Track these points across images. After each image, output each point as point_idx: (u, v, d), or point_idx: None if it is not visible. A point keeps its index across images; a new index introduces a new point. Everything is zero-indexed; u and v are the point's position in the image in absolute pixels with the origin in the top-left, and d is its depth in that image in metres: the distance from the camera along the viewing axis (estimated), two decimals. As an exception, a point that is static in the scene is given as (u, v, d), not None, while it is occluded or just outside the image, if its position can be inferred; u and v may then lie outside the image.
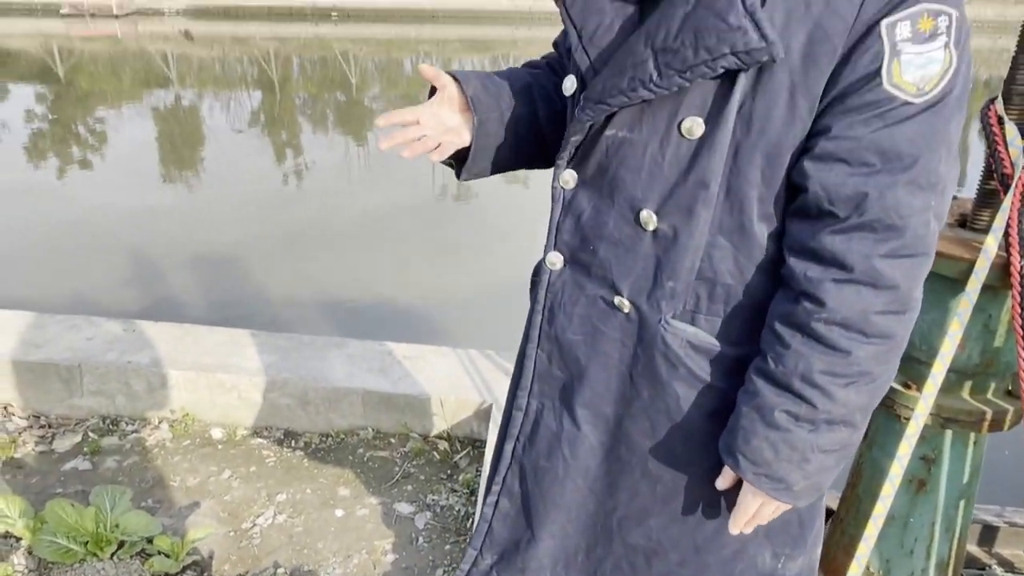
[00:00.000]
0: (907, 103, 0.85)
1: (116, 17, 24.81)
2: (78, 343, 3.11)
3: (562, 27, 1.13)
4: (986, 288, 1.52)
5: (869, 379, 0.95)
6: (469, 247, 7.06)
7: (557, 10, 1.12)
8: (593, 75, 1.02)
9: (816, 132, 0.90)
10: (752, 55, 0.87)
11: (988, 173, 1.60)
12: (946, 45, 0.85)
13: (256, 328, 3.37)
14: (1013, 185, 1.46)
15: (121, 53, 21.20)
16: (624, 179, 1.03)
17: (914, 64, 0.85)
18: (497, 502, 1.31)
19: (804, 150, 0.91)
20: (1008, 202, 1.47)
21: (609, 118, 1.01)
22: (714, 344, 1.05)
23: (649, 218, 1.02)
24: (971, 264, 1.51)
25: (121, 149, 11.05)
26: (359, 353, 3.15)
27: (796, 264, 0.93)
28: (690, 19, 0.90)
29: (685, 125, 0.95)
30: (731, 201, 0.96)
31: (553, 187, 1.16)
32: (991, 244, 1.48)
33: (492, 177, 1.34)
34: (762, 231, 0.97)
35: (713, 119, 0.93)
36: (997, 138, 1.48)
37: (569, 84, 1.10)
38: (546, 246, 1.19)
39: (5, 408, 3.04)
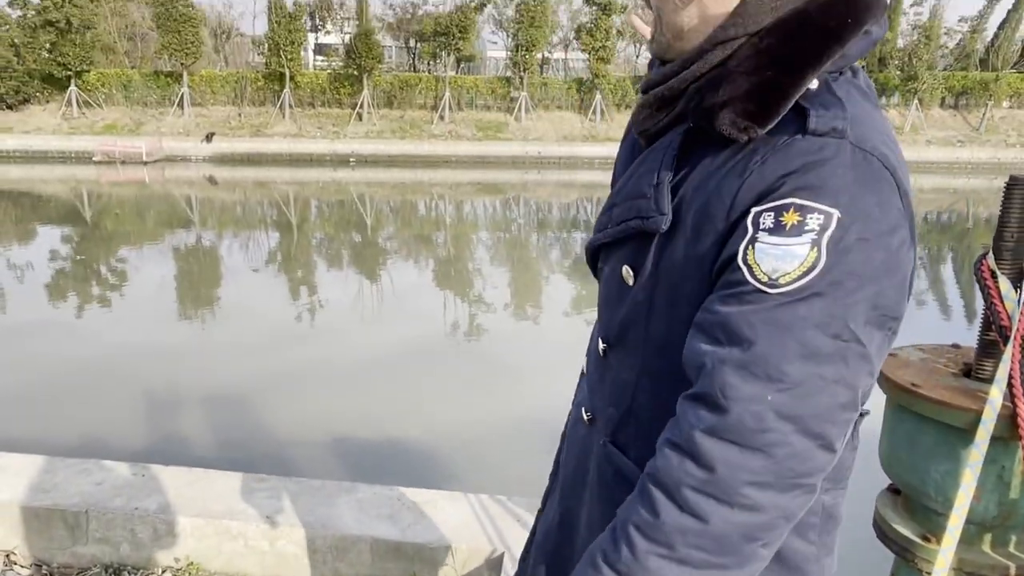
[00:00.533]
0: (759, 290, 0.85)
1: (145, 163, 26.09)
2: (87, 488, 3.09)
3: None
4: (996, 439, 1.53)
5: (678, 557, 0.88)
6: (480, 385, 7.06)
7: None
8: None
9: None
10: (648, 223, 0.97)
11: (987, 324, 1.65)
12: (814, 243, 0.83)
13: (268, 469, 3.36)
14: (1012, 337, 1.50)
15: (147, 197, 22.12)
16: (600, 307, 1.17)
17: (769, 254, 0.84)
18: None
19: None
20: (1008, 353, 1.51)
21: (602, 252, 1.15)
22: (636, 475, 1.05)
23: (603, 347, 1.14)
24: (978, 415, 1.52)
25: (140, 288, 11.33)
26: (368, 499, 3.11)
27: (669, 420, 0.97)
28: (629, 180, 1.04)
29: (624, 270, 1.05)
30: (654, 345, 1.03)
31: None
32: (996, 395, 1.50)
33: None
34: (676, 386, 0.98)
35: (639, 270, 1.02)
36: (992, 292, 1.54)
37: None
38: None
39: (8, 556, 2.99)
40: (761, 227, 0.85)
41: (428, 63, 33.25)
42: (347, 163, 28.20)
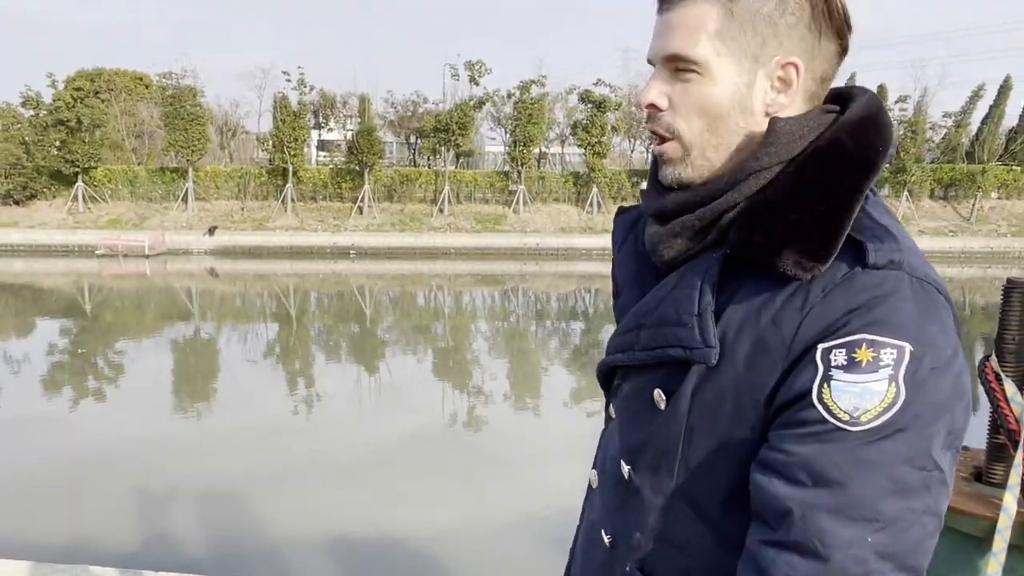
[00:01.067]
0: (840, 429, 0.83)
1: (147, 257, 26.33)
2: (73, 596, 2.98)
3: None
4: (1012, 548, 1.49)
5: None
6: (478, 480, 6.91)
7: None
8: (617, 328, 1.14)
9: (764, 440, 0.92)
10: (692, 353, 0.93)
11: (994, 427, 1.63)
12: (891, 378, 0.82)
13: (261, 571, 3.24)
14: (1021, 442, 1.48)
15: (148, 289, 22.23)
16: (620, 428, 1.11)
17: (847, 392, 0.83)
18: None
19: (754, 453, 0.93)
20: (1019, 459, 1.48)
21: (618, 369, 1.12)
22: None
23: (627, 469, 1.08)
24: (993, 522, 1.49)
25: (136, 381, 11.23)
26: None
27: (742, 560, 0.93)
28: (662, 303, 0.99)
29: (655, 395, 1.01)
30: (690, 470, 0.99)
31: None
32: (1010, 502, 1.47)
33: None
34: (717, 510, 0.98)
35: (674, 397, 0.98)
36: (998, 395, 1.53)
37: None
38: None
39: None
40: (833, 364, 0.84)
41: (428, 158, 34.03)
42: (347, 255, 28.49)
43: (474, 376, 12.07)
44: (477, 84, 31.55)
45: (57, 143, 29.49)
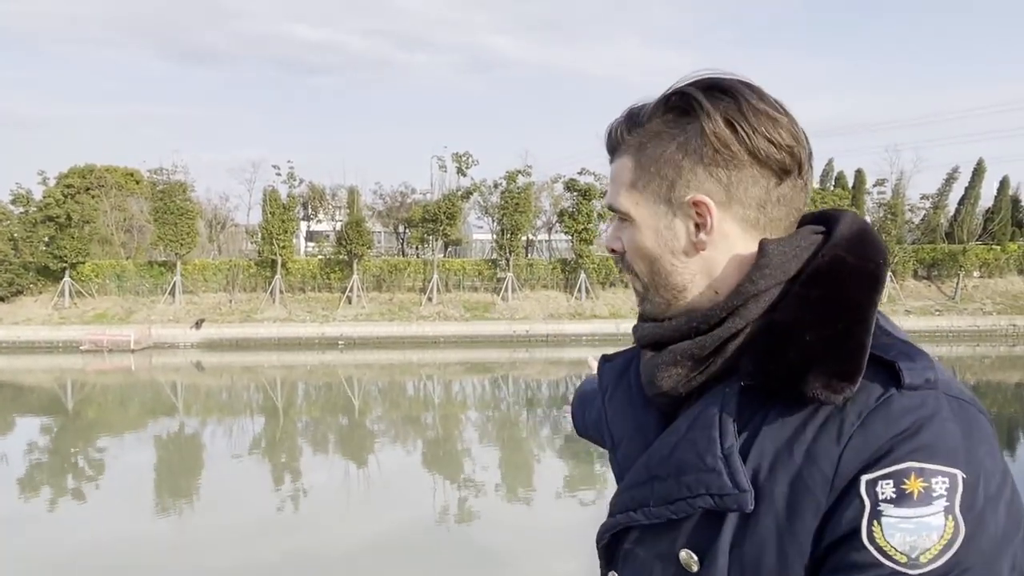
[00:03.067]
0: (898, 573, 0.75)
1: (132, 351, 26.07)
2: None
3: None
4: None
5: None
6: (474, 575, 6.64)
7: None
8: (619, 484, 1.01)
9: None
10: (725, 501, 0.83)
11: None
12: (947, 511, 0.75)
13: None
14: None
15: (132, 384, 21.90)
16: None
17: (900, 529, 0.76)
18: None
19: None
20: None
21: (627, 530, 0.98)
22: None
23: None
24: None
25: (117, 479, 10.89)
26: None
27: None
28: (675, 451, 0.89)
29: (682, 556, 0.89)
30: None
31: None
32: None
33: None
34: None
35: (708, 556, 0.87)
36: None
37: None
38: None
39: None
40: (881, 498, 0.77)
41: (416, 247, 34.37)
42: (336, 346, 28.33)
43: (465, 467, 11.80)
44: (464, 175, 32.23)
45: (46, 239, 29.64)
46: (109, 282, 30.63)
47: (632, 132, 0.93)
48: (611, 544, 1.01)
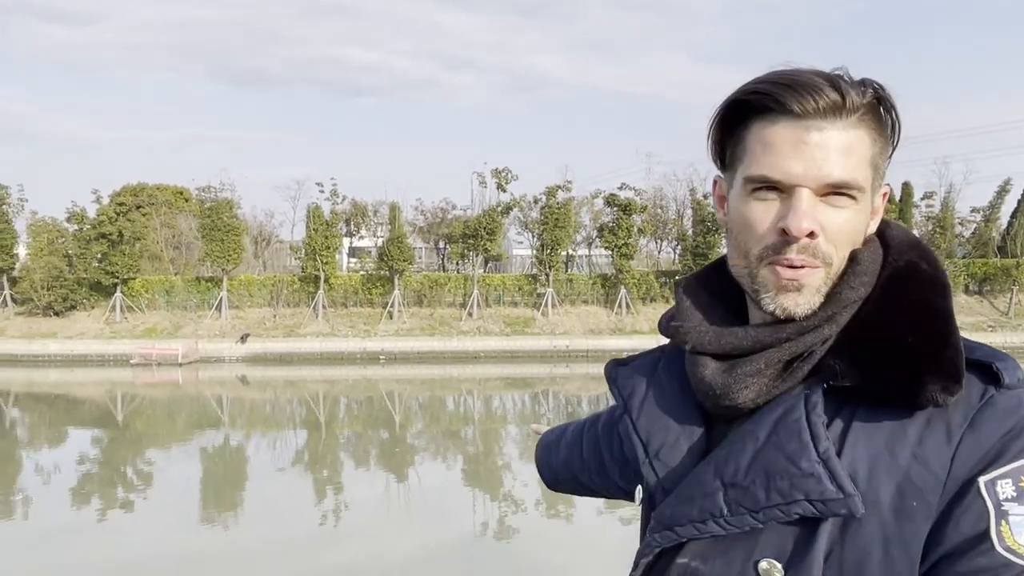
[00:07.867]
0: None
1: (180, 365, 26.63)
2: None
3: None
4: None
5: None
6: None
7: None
8: (662, 495, 0.95)
9: None
10: (829, 506, 0.79)
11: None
12: None
13: None
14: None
15: (179, 398, 22.34)
16: None
17: None
18: None
19: None
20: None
21: (680, 545, 0.92)
22: None
23: None
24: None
25: (164, 490, 11.11)
26: None
27: None
28: (760, 457, 0.85)
29: (762, 566, 0.85)
30: None
31: None
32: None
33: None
34: None
35: (794, 566, 0.83)
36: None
37: (638, 495, 1.03)
38: None
39: None
40: (1003, 498, 0.76)
41: (457, 263, 34.56)
42: (377, 360, 28.56)
43: (505, 482, 11.77)
44: (504, 190, 32.34)
45: (99, 255, 30.50)
46: (158, 297, 31.39)
47: (867, 105, 0.85)
48: (656, 562, 0.94)
